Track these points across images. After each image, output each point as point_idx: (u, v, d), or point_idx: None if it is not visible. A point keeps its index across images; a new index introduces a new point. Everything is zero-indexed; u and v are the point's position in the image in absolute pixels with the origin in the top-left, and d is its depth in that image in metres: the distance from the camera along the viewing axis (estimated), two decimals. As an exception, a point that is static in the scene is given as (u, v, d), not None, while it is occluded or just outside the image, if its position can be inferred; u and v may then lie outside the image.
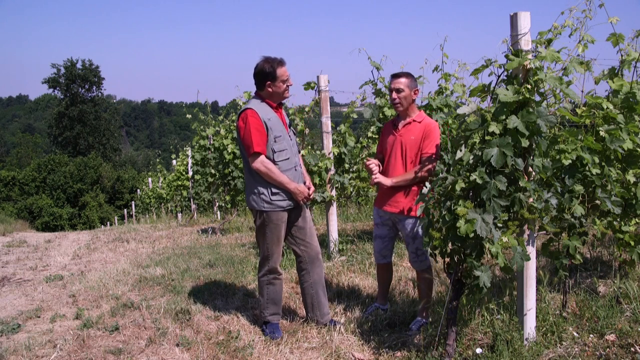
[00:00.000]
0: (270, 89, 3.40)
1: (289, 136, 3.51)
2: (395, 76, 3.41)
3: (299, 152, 3.67)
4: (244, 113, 3.36)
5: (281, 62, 3.36)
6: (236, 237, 8.06)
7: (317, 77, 5.34)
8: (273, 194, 3.39)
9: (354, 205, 9.64)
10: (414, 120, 3.44)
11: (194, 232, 9.49)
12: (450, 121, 5.46)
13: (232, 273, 5.29)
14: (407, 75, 3.40)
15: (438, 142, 3.37)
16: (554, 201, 2.76)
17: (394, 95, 3.38)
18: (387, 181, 3.39)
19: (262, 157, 3.32)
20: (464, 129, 2.79)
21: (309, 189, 3.50)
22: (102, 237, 10.77)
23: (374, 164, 3.43)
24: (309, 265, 3.60)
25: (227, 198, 8.66)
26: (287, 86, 3.43)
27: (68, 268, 6.80)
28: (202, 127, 9.32)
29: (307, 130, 5.93)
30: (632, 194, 3.25)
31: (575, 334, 3.02)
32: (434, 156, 3.34)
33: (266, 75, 3.36)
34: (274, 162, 3.38)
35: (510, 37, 2.72)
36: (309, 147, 5.97)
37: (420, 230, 3.43)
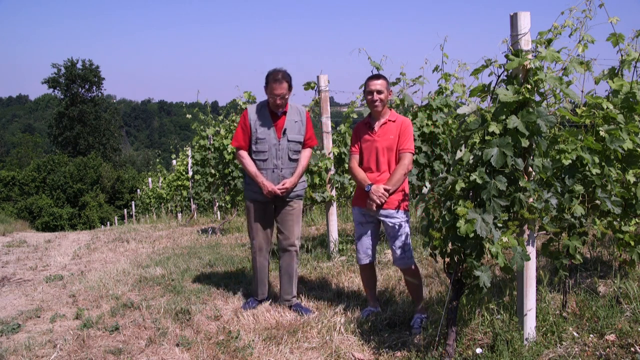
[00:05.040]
0: (266, 92, 3.84)
1: (278, 141, 3.82)
2: (374, 77, 3.55)
3: (289, 158, 3.89)
4: (245, 110, 3.91)
5: (275, 80, 3.69)
6: (236, 237, 8.07)
7: (317, 77, 5.34)
8: (247, 183, 4.00)
9: (354, 205, 9.62)
10: (389, 120, 3.56)
11: (194, 232, 9.49)
12: (450, 121, 5.46)
13: (232, 273, 5.29)
14: (384, 77, 3.56)
15: (412, 136, 3.54)
16: (554, 201, 2.76)
17: (376, 96, 3.49)
18: (385, 195, 3.43)
19: (240, 152, 3.88)
20: (464, 129, 2.79)
21: (284, 185, 3.82)
22: (102, 237, 10.77)
23: (384, 196, 3.43)
24: (281, 252, 4.06)
25: (227, 198, 8.66)
26: (275, 101, 3.75)
27: (68, 268, 6.80)
28: (202, 127, 9.32)
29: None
30: (632, 194, 3.25)
31: (575, 334, 3.02)
32: (412, 150, 3.50)
33: (265, 80, 3.80)
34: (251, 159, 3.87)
35: (510, 37, 2.72)
36: (309, 147, 5.96)
37: (406, 226, 3.45)
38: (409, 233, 3.50)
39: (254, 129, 3.81)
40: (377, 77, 3.55)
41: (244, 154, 3.87)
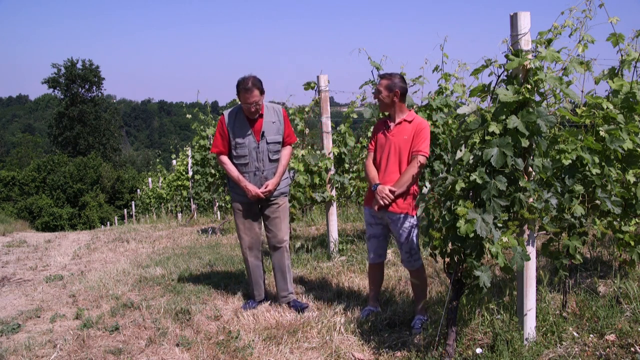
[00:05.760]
0: (239, 100, 3.84)
1: (257, 144, 3.85)
2: (380, 77, 3.50)
3: (270, 159, 3.90)
4: (221, 115, 3.96)
5: (246, 89, 3.68)
6: (236, 237, 8.05)
7: (317, 77, 5.34)
8: (230, 187, 4.06)
9: (354, 205, 9.63)
10: (404, 120, 3.47)
11: (194, 232, 9.49)
12: (450, 121, 5.46)
13: (232, 273, 5.29)
14: (388, 77, 3.44)
15: (428, 139, 3.41)
16: (554, 201, 2.76)
17: (373, 96, 3.50)
18: (390, 196, 3.36)
19: (221, 157, 3.94)
20: (464, 129, 2.79)
21: (266, 188, 3.87)
22: (102, 237, 10.77)
23: (387, 197, 3.38)
24: (272, 250, 4.13)
25: (227, 198, 8.66)
26: (250, 109, 3.75)
27: (68, 268, 6.80)
28: (202, 127, 9.32)
29: (307, 130, 5.93)
30: (632, 194, 3.25)
31: (575, 334, 3.02)
32: (425, 153, 3.38)
33: (236, 90, 3.79)
34: (232, 163, 3.93)
35: (510, 37, 2.72)
36: (309, 147, 5.96)
37: (414, 230, 3.43)
38: (417, 235, 3.46)
39: (232, 135, 3.85)
40: (381, 76, 3.48)
41: (225, 159, 3.93)
